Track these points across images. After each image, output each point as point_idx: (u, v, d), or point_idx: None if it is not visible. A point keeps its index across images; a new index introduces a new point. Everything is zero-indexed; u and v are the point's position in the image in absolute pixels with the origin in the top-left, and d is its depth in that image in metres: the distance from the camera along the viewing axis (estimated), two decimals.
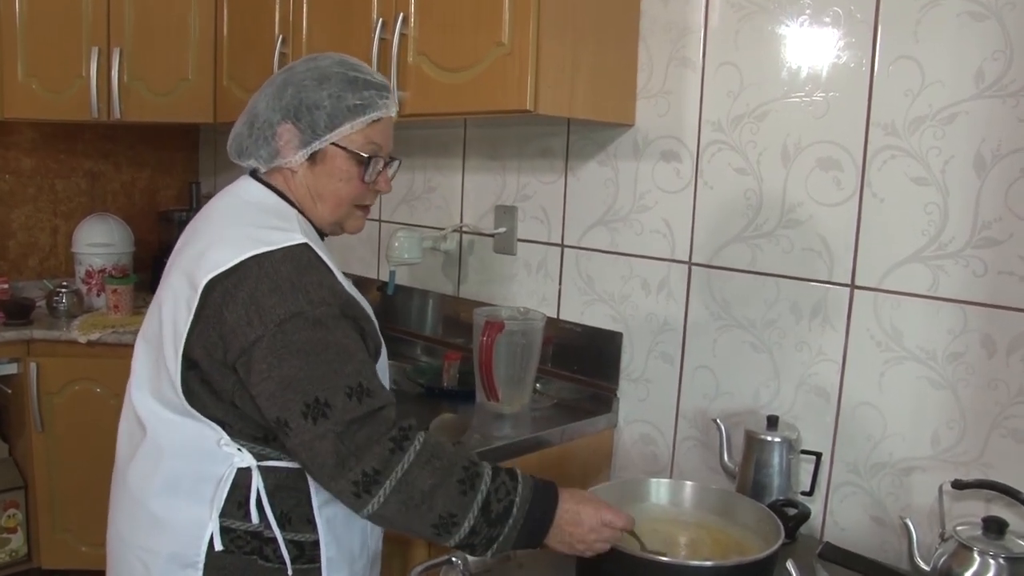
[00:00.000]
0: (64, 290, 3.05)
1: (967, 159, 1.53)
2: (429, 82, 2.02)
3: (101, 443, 1.83)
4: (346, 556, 1.40)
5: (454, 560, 1.39)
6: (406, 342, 2.70)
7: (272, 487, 1.32)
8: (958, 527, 1.43)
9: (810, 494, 1.74)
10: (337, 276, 1.32)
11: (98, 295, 3.18)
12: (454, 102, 1.97)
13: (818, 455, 1.74)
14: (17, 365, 2.86)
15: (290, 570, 1.33)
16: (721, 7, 1.87)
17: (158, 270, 1.49)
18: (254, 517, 1.31)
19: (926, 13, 1.56)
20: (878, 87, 1.64)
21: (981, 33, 1.50)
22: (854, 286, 1.70)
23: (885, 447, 1.67)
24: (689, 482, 1.57)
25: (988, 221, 1.51)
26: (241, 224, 1.34)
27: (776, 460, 1.69)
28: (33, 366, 2.80)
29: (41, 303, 3.07)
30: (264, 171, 1.42)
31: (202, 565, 1.31)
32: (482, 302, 2.45)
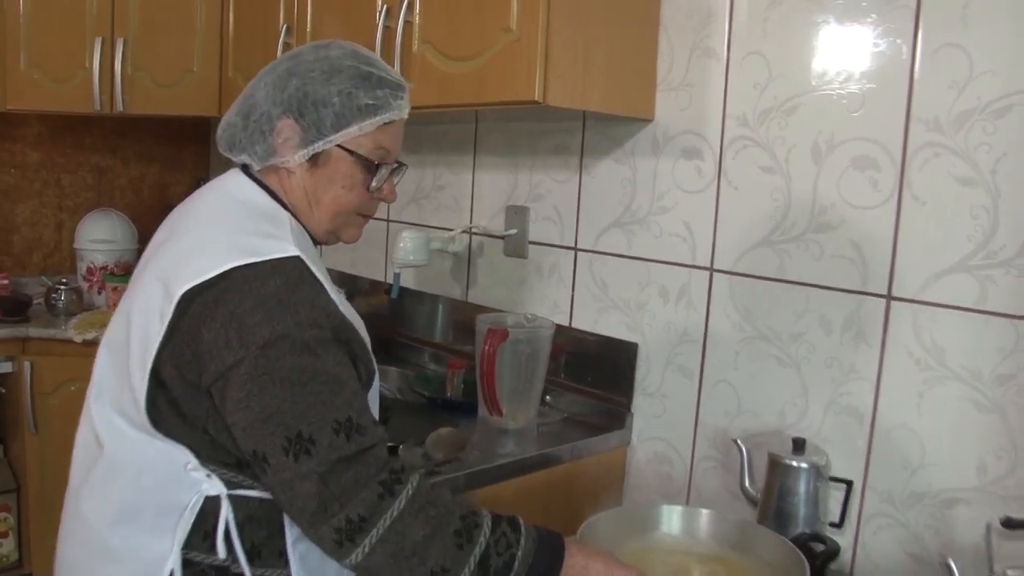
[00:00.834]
0: (63, 287, 2.96)
1: (1021, 156, 1.37)
2: (434, 72, 1.89)
3: None
4: None
5: None
6: (413, 348, 2.57)
7: (243, 518, 1.18)
8: (1009, 571, 1.27)
9: (839, 526, 1.58)
10: (330, 293, 1.18)
11: (99, 293, 3.08)
12: (460, 93, 1.83)
13: (849, 483, 1.58)
14: (12, 364, 2.78)
15: None
16: None
17: None
18: (220, 550, 1.17)
19: None
20: (920, 78, 1.48)
21: None
22: (891, 297, 1.54)
23: (924, 476, 1.51)
24: (705, 510, 1.43)
25: None
26: (228, 227, 1.21)
27: (802, 488, 1.54)
28: (27, 365, 2.71)
29: (40, 300, 2.98)
30: (257, 168, 1.29)
31: None
32: (491, 308, 2.32)
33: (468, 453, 1.76)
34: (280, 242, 1.16)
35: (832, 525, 1.58)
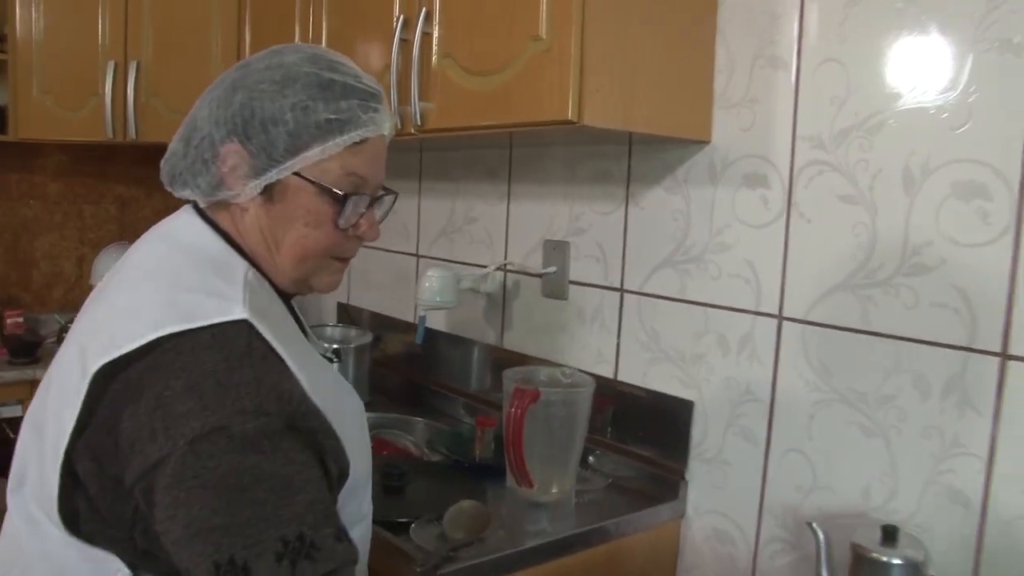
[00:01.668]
0: None
1: None
2: (455, 90, 1.65)
3: None
4: None
5: None
6: (444, 398, 2.32)
7: None
8: None
9: None
10: (293, 367, 0.93)
11: None
12: (483, 113, 1.59)
13: None
14: (21, 407, 2.61)
15: None
16: None
17: None
18: None
19: None
20: None
21: None
22: (1006, 355, 1.25)
23: None
24: None
25: None
26: (165, 282, 0.97)
27: None
28: None
29: (52, 339, 2.80)
30: (203, 205, 1.06)
31: None
32: (527, 356, 2.06)
33: (492, 532, 1.49)
34: (225, 302, 0.93)
35: None
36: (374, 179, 1.05)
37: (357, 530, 1.07)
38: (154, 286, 0.97)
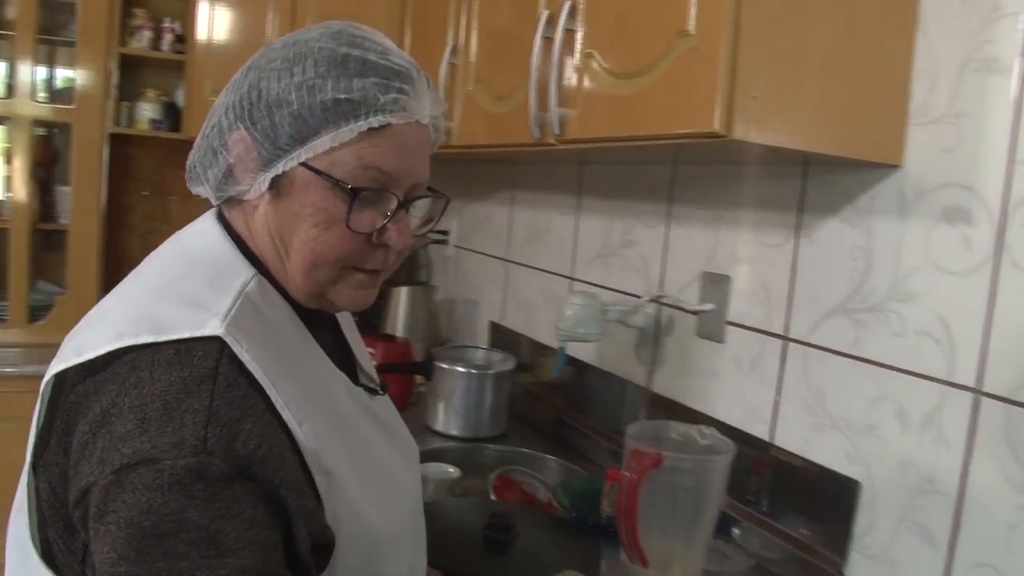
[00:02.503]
0: None
1: None
2: (595, 94, 1.43)
3: None
4: None
5: None
6: (586, 438, 2.10)
7: None
8: None
9: None
10: (276, 401, 0.77)
11: None
12: (623, 123, 1.36)
13: None
14: None
15: None
16: None
17: None
18: None
19: None
20: None
21: None
22: None
23: None
24: None
25: None
26: (156, 287, 0.85)
27: None
28: None
29: None
30: (215, 204, 0.93)
31: None
32: (675, 401, 1.80)
33: None
34: (201, 314, 0.78)
35: None
36: (402, 175, 0.86)
37: None
38: (143, 290, 0.85)
